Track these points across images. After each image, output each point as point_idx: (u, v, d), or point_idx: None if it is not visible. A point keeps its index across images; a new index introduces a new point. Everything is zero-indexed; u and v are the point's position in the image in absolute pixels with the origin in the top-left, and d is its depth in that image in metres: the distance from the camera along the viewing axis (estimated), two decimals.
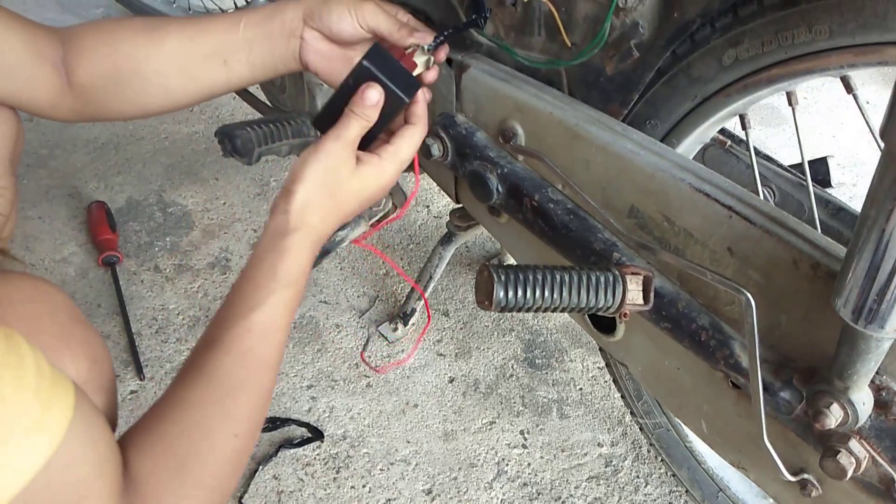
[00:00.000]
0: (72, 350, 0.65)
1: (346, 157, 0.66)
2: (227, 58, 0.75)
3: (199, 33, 0.75)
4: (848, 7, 0.59)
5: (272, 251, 0.64)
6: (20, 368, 0.45)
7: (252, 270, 0.64)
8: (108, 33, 0.75)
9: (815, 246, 0.61)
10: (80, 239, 1.40)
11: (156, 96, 0.76)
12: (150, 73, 0.75)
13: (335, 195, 0.66)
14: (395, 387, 1.22)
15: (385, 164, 0.68)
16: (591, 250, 0.75)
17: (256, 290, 0.63)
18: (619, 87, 0.75)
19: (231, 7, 1.74)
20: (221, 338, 0.60)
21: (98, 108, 0.76)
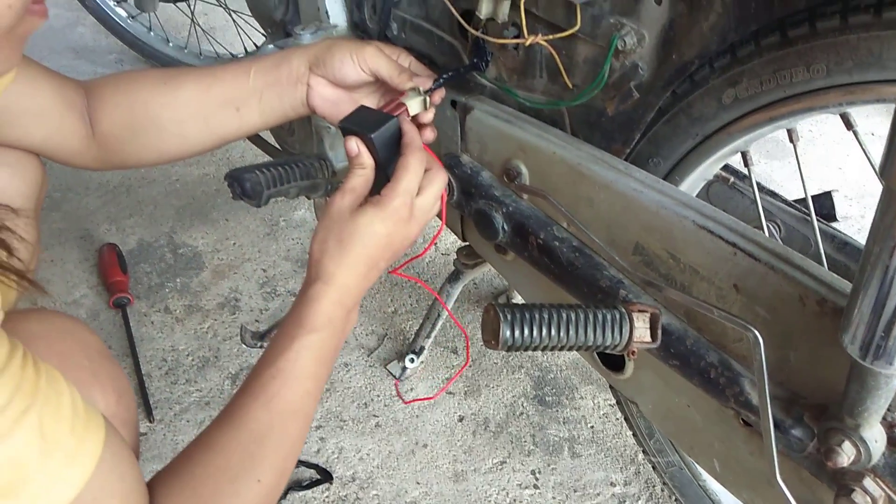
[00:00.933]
0: (101, 384, 0.69)
1: (347, 203, 0.68)
2: (240, 105, 0.78)
3: (213, 83, 0.78)
4: (843, 47, 0.60)
5: (299, 302, 0.66)
6: (59, 405, 0.47)
7: (282, 322, 0.67)
8: (126, 85, 0.78)
9: (820, 282, 0.61)
10: (92, 281, 1.41)
11: (172, 144, 0.80)
12: (167, 121, 0.78)
13: (343, 241, 0.67)
14: (405, 426, 1.21)
15: (386, 200, 0.68)
16: (597, 287, 0.75)
17: (283, 338, 0.65)
18: (620, 127, 0.76)
19: (241, 52, 1.79)
20: (250, 384, 0.63)
21: (119, 157, 0.80)
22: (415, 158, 0.70)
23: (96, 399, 0.68)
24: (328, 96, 0.79)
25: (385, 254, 0.70)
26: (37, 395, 0.46)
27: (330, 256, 0.67)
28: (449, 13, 0.83)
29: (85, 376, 0.68)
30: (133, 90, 0.78)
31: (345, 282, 0.67)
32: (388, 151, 0.71)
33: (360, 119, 0.72)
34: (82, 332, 0.72)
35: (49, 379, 0.48)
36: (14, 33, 0.48)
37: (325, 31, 1.02)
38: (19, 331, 0.65)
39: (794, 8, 0.60)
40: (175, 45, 1.91)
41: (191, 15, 1.78)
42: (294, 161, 0.93)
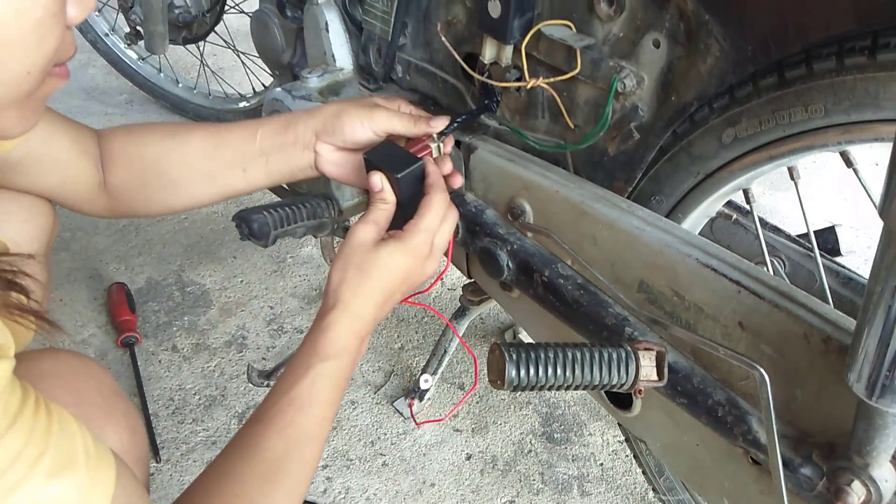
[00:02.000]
0: (114, 421, 0.70)
1: (369, 235, 0.69)
2: (246, 167, 0.80)
3: (219, 143, 0.79)
4: (840, 87, 0.61)
5: (314, 330, 0.67)
6: (72, 448, 0.48)
7: (297, 350, 0.67)
8: (137, 139, 0.80)
9: (825, 320, 0.61)
10: (100, 320, 1.42)
11: (181, 198, 0.81)
12: (176, 178, 0.79)
13: (363, 270, 0.68)
14: (412, 465, 1.20)
15: (408, 236, 0.70)
16: (602, 325, 0.76)
17: (298, 366, 0.65)
18: (622, 166, 0.77)
19: (249, 92, 1.82)
20: (264, 412, 0.63)
21: (127, 207, 0.81)
22: (438, 199, 0.72)
23: (109, 436, 0.69)
24: (336, 160, 0.80)
25: (402, 287, 0.71)
26: (49, 440, 0.47)
27: (348, 285, 0.68)
28: (453, 56, 0.85)
29: (98, 413, 0.69)
30: (144, 144, 0.79)
31: (360, 311, 0.68)
32: (410, 191, 0.73)
33: (386, 155, 0.74)
34: (95, 371, 0.73)
35: (61, 422, 0.49)
36: (34, 96, 0.48)
37: (332, 74, 1.04)
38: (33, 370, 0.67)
39: (790, 50, 0.61)
40: (184, 86, 1.94)
41: (200, 56, 1.82)
42: (301, 201, 0.94)
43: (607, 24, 0.72)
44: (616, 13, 0.70)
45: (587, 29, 0.73)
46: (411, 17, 0.93)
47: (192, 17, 1.56)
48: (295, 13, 1.10)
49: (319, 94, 1.01)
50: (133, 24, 1.60)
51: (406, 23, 0.94)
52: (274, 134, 0.79)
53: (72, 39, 0.52)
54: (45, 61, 0.46)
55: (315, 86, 1.03)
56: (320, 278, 1.53)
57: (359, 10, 1.01)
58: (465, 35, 0.86)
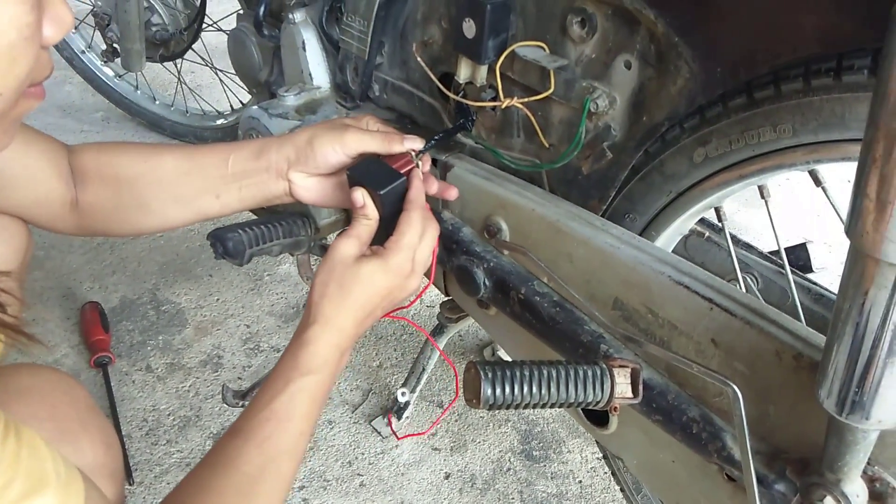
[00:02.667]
0: (90, 436, 0.72)
1: (351, 250, 0.70)
2: (219, 193, 0.79)
3: (192, 169, 0.79)
4: (807, 108, 0.62)
5: (294, 344, 0.67)
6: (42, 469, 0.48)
7: (277, 364, 0.67)
8: (110, 157, 0.79)
9: (796, 336, 0.62)
10: (73, 340, 1.40)
11: (153, 220, 0.81)
12: (149, 200, 0.79)
13: (344, 286, 0.68)
14: (390, 485, 1.19)
15: (390, 254, 0.70)
16: (578, 342, 0.76)
17: (277, 380, 0.65)
18: (596, 184, 0.77)
19: (227, 109, 1.81)
20: (243, 426, 0.63)
21: (99, 226, 0.81)
22: (417, 215, 0.72)
23: (85, 451, 0.69)
24: (311, 186, 0.79)
25: (383, 303, 0.71)
26: (18, 467, 0.46)
27: (329, 299, 0.68)
28: (429, 76, 0.86)
29: (75, 427, 0.70)
30: (118, 165, 0.78)
31: (342, 325, 0.68)
32: (394, 207, 0.73)
33: (368, 171, 0.74)
34: (71, 386, 0.74)
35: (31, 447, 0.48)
36: (7, 117, 0.47)
37: (309, 92, 1.04)
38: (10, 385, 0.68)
39: (758, 72, 0.62)
40: (161, 103, 1.93)
41: (177, 74, 1.81)
42: (277, 219, 0.94)
43: (580, 45, 0.73)
44: (588, 35, 0.71)
45: (560, 50, 0.74)
46: (388, 37, 0.94)
47: (170, 34, 1.55)
48: (272, 32, 1.10)
49: (296, 112, 1.01)
50: (110, 42, 1.59)
51: (383, 42, 0.95)
52: (246, 160, 0.78)
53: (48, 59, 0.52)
54: (19, 83, 0.45)
55: (292, 104, 1.03)
56: (298, 296, 1.52)
57: (336, 30, 1.02)
58: (441, 55, 0.87)
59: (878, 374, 0.52)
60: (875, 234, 0.47)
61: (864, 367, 0.52)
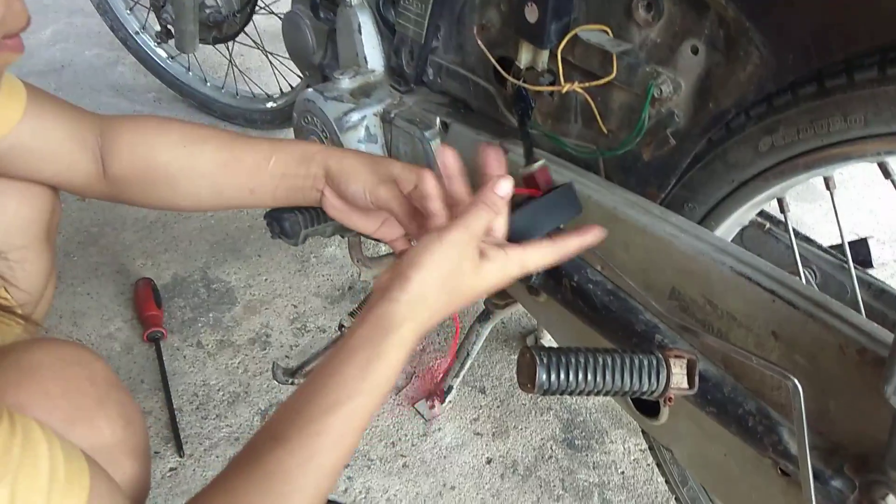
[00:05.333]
0: (107, 411, 0.67)
1: (471, 251, 0.62)
2: (254, 189, 0.79)
3: (231, 161, 0.78)
4: (882, 97, 0.60)
5: (369, 346, 0.58)
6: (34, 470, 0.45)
7: (342, 362, 0.58)
8: (145, 136, 0.78)
9: (860, 331, 0.60)
10: (127, 315, 1.44)
11: (184, 202, 0.81)
12: (182, 183, 0.79)
13: (452, 291, 0.61)
14: (432, 467, 1.20)
15: (510, 265, 0.65)
16: (632, 332, 0.75)
17: (339, 389, 0.57)
18: (656, 172, 0.76)
19: (276, 92, 1.83)
20: (289, 435, 0.56)
21: (126, 196, 0.81)
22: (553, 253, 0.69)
23: (102, 427, 0.66)
24: (339, 206, 0.79)
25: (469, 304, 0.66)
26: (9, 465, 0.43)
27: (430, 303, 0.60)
28: (486, 60, 0.85)
29: (90, 403, 0.66)
30: (154, 148, 0.78)
31: (428, 329, 0.62)
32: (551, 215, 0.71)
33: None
34: (89, 360, 0.69)
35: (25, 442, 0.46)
36: None
37: (363, 75, 1.05)
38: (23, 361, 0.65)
39: (832, 59, 0.61)
40: (212, 85, 1.96)
41: (229, 56, 1.83)
42: None
43: (645, 29, 0.72)
44: (654, 19, 0.70)
45: (624, 34, 0.73)
46: (444, 21, 0.94)
47: (223, 17, 1.57)
48: (328, 15, 1.11)
49: (351, 95, 1.02)
50: (164, 23, 1.62)
51: (439, 26, 0.95)
52: (287, 164, 0.78)
53: (21, 9, 0.49)
54: None
55: (346, 87, 1.03)
56: (343, 279, 1.54)
57: (392, 13, 1.02)
58: (499, 39, 0.87)
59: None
60: None
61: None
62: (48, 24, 2.45)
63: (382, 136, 1.02)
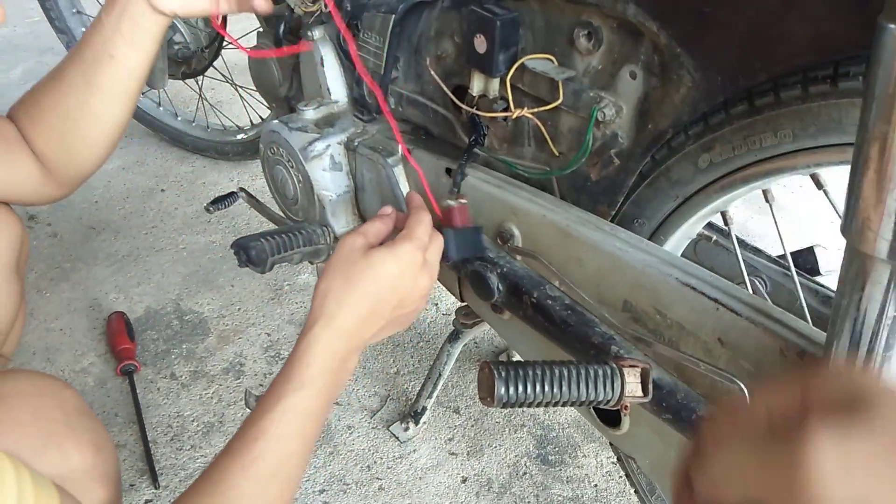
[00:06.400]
0: (76, 437, 0.69)
1: (359, 243, 0.69)
2: (112, 52, 0.80)
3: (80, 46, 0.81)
4: (806, 114, 0.64)
5: (293, 353, 0.65)
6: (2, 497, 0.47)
7: (277, 375, 0.65)
8: (35, 100, 0.82)
9: (799, 334, 0.64)
10: (100, 349, 1.44)
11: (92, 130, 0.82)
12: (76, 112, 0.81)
13: (350, 278, 0.67)
14: (408, 489, 1.22)
15: (398, 247, 0.69)
16: (589, 344, 0.78)
17: (270, 395, 0.63)
18: (605, 191, 0.80)
19: (247, 124, 1.86)
20: (232, 445, 0.61)
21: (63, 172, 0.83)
22: (423, 212, 0.74)
23: (71, 454, 0.67)
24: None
25: (391, 300, 0.69)
26: None
27: (333, 295, 0.66)
28: (442, 89, 0.89)
29: (60, 430, 0.68)
30: (41, 103, 0.81)
31: (343, 324, 0.66)
32: None
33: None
34: (58, 389, 0.72)
35: None
36: None
37: (327, 106, 1.08)
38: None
39: (757, 80, 0.65)
40: (183, 119, 1.99)
41: (199, 90, 1.86)
42: (297, 228, 0.98)
43: (587, 57, 0.76)
44: (594, 47, 0.74)
45: (568, 62, 0.77)
46: (402, 52, 0.98)
47: (192, 52, 1.60)
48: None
49: (315, 126, 1.05)
50: None
51: (398, 57, 0.98)
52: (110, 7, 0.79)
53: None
54: None
55: (311, 117, 1.06)
56: None
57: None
58: (454, 69, 0.90)
59: (877, 367, 0.54)
60: (869, 233, 0.50)
61: (864, 361, 0.54)
62: (18, 63, 2.47)
63: (347, 163, 1.05)
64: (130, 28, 0.80)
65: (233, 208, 1.47)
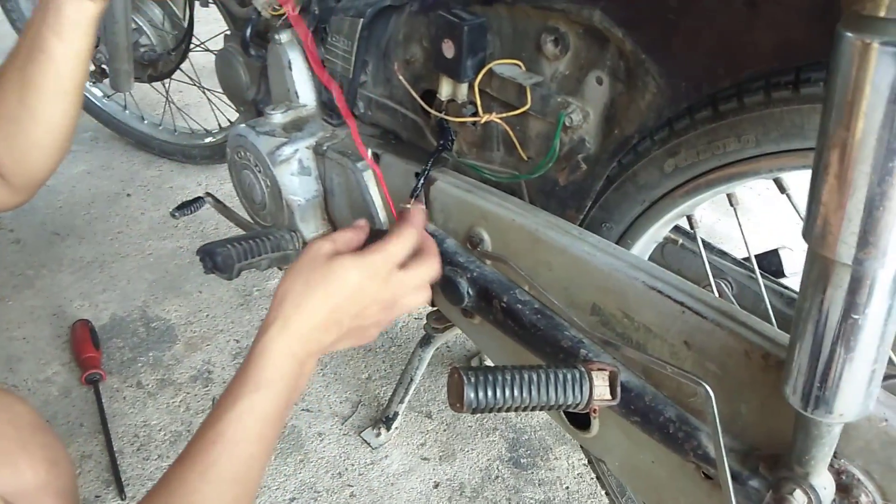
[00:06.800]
0: (30, 454, 0.67)
1: (325, 249, 0.67)
2: (42, 47, 0.76)
3: (16, 45, 0.77)
4: (769, 119, 0.65)
5: (248, 356, 0.63)
6: None
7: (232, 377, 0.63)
8: None
9: (763, 336, 0.65)
10: (64, 358, 1.41)
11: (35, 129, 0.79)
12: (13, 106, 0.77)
13: (310, 283, 0.65)
14: (380, 495, 1.21)
15: (368, 253, 0.67)
16: (559, 348, 0.78)
17: (227, 398, 0.61)
18: (573, 195, 0.80)
19: (215, 127, 1.84)
20: (189, 450, 0.59)
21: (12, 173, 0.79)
22: (409, 231, 0.70)
23: (24, 471, 0.66)
24: None
25: (350, 308, 0.66)
26: None
27: (292, 299, 0.64)
28: (411, 94, 0.89)
29: (12, 447, 0.66)
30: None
31: (300, 328, 0.64)
32: None
33: None
34: (12, 403, 0.70)
35: None
36: None
37: (295, 110, 1.07)
38: None
39: (720, 85, 0.66)
40: (150, 123, 1.96)
41: (165, 93, 1.83)
42: (265, 234, 0.97)
43: (554, 63, 0.76)
44: (561, 53, 0.74)
45: (535, 68, 0.78)
46: (371, 56, 0.97)
47: (158, 55, 1.58)
48: (259, 52, 1.13)
49: (283, 130, 1.04)
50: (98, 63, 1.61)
51: (366, 61, 0.98)
52: (41, 1, 0.75)
53: None
54: None
55: (279, 121, 1.05)
56: None
57: (321, 50, 1.05)
58: (423, 73, 0.90)
59: (839, 369, 0.55)
60: (829, 236, 0.50)
61: (826, 364, 0.55)
62: None
63: (316, 168, 1.04)
64: (56, 19, 0.75)
65: (200, 213, 1.44)
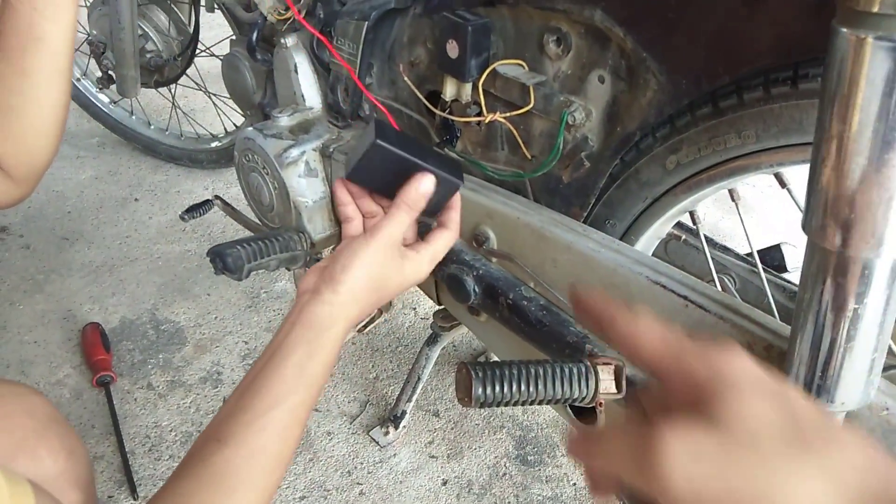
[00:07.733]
0: (48, 442, 0.69)
1: (395, 253, 0.68)
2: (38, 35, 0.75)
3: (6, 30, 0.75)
4: (768, 115, 0.66)
5: (305, 344, 0.62)
6: None
7: (279, 361, 0.61)
8: None
9: (765, 328, 0.66)
10: (75, 361, 1.42)
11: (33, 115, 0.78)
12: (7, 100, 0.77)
13: (379, 289, 0.66)
14: (389, 493, 1.22)
15: (423, 262, 0.70)
16: (565, 343, 0.80)
17: (279, 385, 0.60)
18: (576, 193, 0.82)
19: (221, 132, 1.86)
20: (234, 433, 0.58)
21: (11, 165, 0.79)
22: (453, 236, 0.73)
23: (44, 459, 0.68)
24: None
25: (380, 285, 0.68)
26: None
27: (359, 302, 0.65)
28: (416, 95, 0.90)
29: (30, 436, 0.68)
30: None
31: (357, 322, 0.65)
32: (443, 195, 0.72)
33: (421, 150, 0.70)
34: (28, 395, 0.71)
35: None
36: None
37: (301, 113, 1.08)
38: None
39: (720, 82, 0.67)
40: (156, 128, 1.97)
41: (172, 98, 1.85)
42: (273, 235, 0.98)
43: (556, 62, 0.77)
44: (563, 53, 0.75)
45: (538, 67, 0.79)
46: (376, 59, 0.98)
47: (164, 61, 1.60)
48: (265, 56, 1.15)
49: (290, 132, 1.06)
50: (105, 69, 1.63)
51: (371, 63, 0.99)
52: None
53: None
54: None
55: (285, 124, 1.07)
56: None
57: (326, 53, 1.06)
58: (427, 74, 0.91)
59: (840, 359, 0.56)
60: (828, 228, 0.52)
61: (827, 353, 0.56)
62: None
63: (322, 170, 1.06)
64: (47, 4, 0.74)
65: (208, 216, 1.46)
